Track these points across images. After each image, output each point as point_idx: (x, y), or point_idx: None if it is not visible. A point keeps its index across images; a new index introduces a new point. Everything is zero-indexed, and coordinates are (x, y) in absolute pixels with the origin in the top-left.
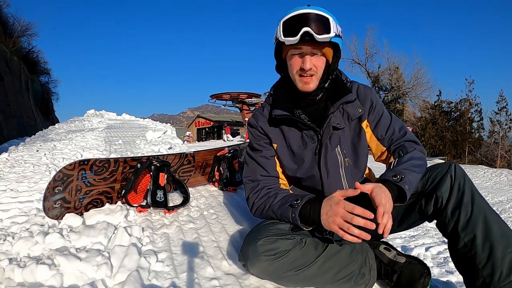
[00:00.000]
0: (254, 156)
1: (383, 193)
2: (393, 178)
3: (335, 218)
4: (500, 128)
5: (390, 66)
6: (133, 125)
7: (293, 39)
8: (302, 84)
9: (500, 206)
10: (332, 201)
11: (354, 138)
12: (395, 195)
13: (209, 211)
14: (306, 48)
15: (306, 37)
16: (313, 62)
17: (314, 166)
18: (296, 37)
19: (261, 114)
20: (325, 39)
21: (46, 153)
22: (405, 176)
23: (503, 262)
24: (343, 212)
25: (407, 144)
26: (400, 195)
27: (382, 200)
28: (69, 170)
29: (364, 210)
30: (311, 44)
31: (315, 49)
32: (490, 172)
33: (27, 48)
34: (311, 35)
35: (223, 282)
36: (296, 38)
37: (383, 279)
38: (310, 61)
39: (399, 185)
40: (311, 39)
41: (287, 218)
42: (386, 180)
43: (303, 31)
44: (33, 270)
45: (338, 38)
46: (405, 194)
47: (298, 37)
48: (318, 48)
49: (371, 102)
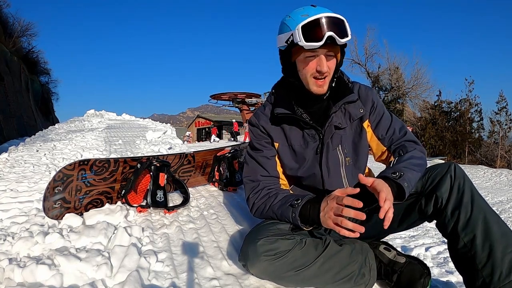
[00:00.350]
0: (255, 155)
1: (384, 185)
2: (392, 175)
3: (330, 213)
4: (500, 128)
5: (390, 66)
6: (133, 125)
7: (317, 44)
8: (316, 87)
9: (500, 206)
10: (328, 197)
11: (355, 137)
12: (394, 191)
13: (209, 211)
14: (321, 50)
15: (328, 41)
16: (328, 64)
17: (316, 165)
18: (321, 42)
19: (262, 113)
20: (345, 42)
21: (46, 153)
22: (404, 173)
23: (502, 262)
24: (336, 206)
25: (408, 144)
26: (399, 192)
27: (384, 188)
28: (69, 170)
29: (353, 200)
30: (328, 47)
31: (330, 52)
32: (490, 172)
33: (27, 48)
34: (333, 38)
35: (223, 282)
36: (320, 43)
37: (383, 279)
38: (326, 63)
39: (398, 182)
40: (332, 42)
41: (287, 218)
42: (386, 177)
43: (327, 35)
44: (33, 270)
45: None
46: (404, 191)
47: (323, 42)
48: (333, 50)
49: (373, 102)
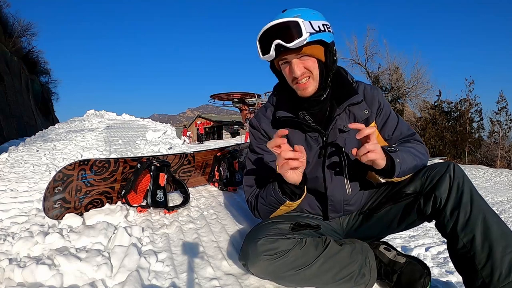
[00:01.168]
0: (254, 160)
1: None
2: (387, 148)
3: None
4: (500, 128)
5: (390, 66)
6: (133, 125)
7: (269, 56)
8: (300, 90)
9: (500, 206)
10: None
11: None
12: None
13: (209, 211)
14: (289, 56)
15: (281, 48)
16: (303, 65)
17: (318, 168)
18: (271, 53)
19: (264, 115)
20: (299, 44)
21: (46, 153)
22: (399, 152)
23: (502, 263)
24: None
25: (412, 140)
26: (391, 167)
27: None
28: (69, 170)
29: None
30: (292, 52)
31: (298, 54)
32: (490, 172)
33: (27, 48)
34: (283, 45)
35: (223, 282)
36: (271, 54)
37: (383, 279)
38: (298, 67)
39: (391, 156)
40: (286, 49)
41: (271, 197)
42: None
43: (274, 45)
44: (33, 270)
45: (320, 34)
46: (394, 167)
47: (273, 52)
48: (301, 52)
49: (379, 103)
